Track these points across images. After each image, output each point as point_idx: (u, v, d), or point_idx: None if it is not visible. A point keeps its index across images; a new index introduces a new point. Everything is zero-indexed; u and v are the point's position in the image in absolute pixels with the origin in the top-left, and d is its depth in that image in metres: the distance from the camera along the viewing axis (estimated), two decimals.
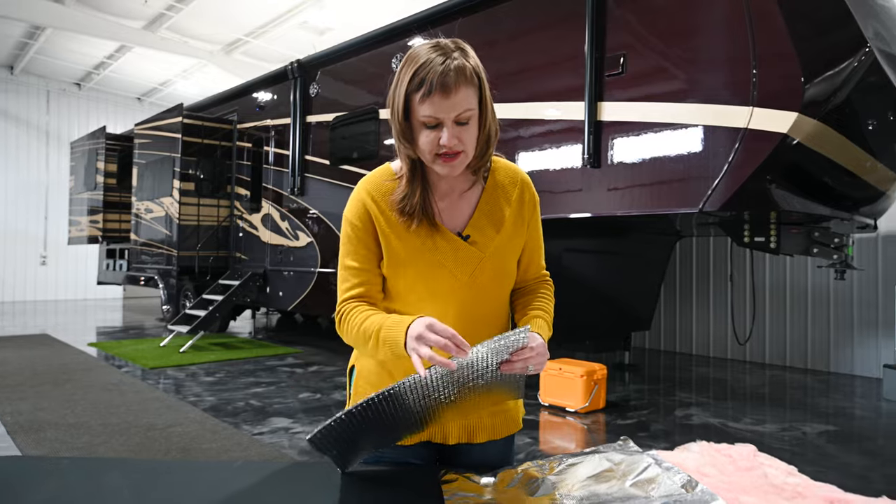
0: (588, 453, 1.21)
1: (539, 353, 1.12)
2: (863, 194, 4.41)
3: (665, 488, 0.98)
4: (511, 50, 5.10)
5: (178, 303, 9.10)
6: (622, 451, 1.20)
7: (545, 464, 1.22)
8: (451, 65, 1.12)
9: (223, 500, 1.12)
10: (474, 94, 1.16)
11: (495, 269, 1.27)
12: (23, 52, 13.17)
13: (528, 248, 1.34)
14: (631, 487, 1.03)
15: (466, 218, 1.28)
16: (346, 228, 1.28)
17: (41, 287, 14.65)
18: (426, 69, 1.12)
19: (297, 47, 11.40)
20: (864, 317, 6.28)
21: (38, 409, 4.54)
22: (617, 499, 0.99)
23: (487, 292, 1.28)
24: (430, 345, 1.04)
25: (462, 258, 1.25)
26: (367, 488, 1.20)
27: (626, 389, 5.61)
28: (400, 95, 1.16)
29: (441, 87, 1.11)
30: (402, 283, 1.26)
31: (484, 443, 1.33)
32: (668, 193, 4.17)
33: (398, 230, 1.24)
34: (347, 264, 1.27)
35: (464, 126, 1.15)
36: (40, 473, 1.24)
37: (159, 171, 9.30)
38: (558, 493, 1.08)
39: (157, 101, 15.84)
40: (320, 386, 5.61)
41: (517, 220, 1.30)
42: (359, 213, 1.26)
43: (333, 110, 7.16)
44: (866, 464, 3.66)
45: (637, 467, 1.08)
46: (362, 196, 1.27)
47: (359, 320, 1.20)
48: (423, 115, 1.14)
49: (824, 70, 3.67)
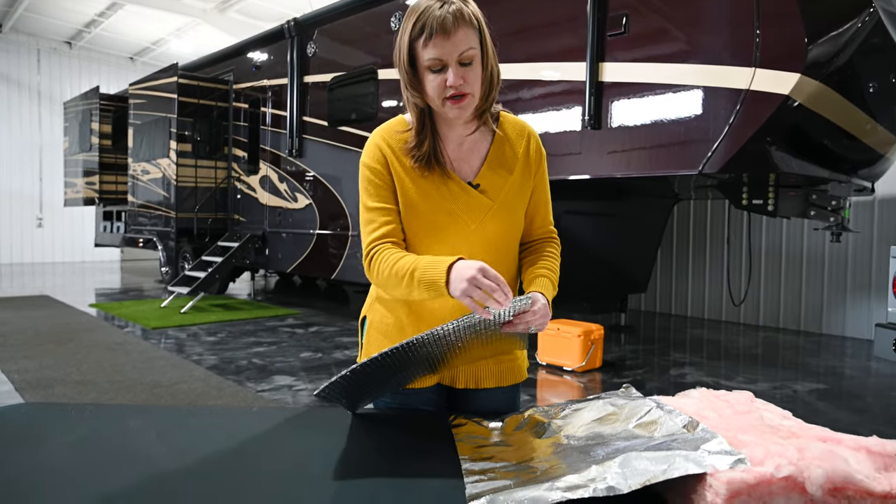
0: (591, 399, 1.26)
1: (541, 315, 1.19)
2: (862, 157, 4.43)
3: (667, 428, 1.03)
4: (512, 7, 5.03)
5: (177, 265, 9.13)
6: (625, 396, 1.25)
7: (550, 409, 1.27)
8: (448, 9, 1.17)
9: (243, 442, 1.17)
10: (475, 34, 1.20)
11: (504, 217, 1.31)
12: (12, 10, 12.89)
13: (535, 200, 1.38)
14: (634, 428, 1.09)
15: (476, 168, 1.32)
16: (364, 172, 1.31)
17: (38, 249, 14.64)
18: (426, 15, 1.17)
19: (294, 5, 11.17)
20: (858, 279, 6.36)
21: (43, 367, 4.61)
22: (621, 438, 1.05)
23: (496, 240, 1.32)
24: (483, 288, 1.08)
25: (472, 206, 1.29)
26: (381, 432, 1.26)
27: (621, 350, 5.71)
28: (404, 44, 1.21)
29: (441, 29, 1.16)
30: (415, 227, 1.29)
31: (491, 389, 1.38)
32: (667, 155, 4.18)
33: (412, 174, 1.29)
34: (370, 206, 1.30)
35: (468, 66, 1.20)
36: (67, 419, 1.29)
37: (155, 132, 9.22)
38: (563, 435, 1.14)
39: (149, 60, 15.59)
40: (321, 345, 5.69)
41: (525, 171, 1.34)
42: (375, 155, 1.30)
43: (331, 70, 7.08)
44: (855, 420, 3.77)
45: (640, 411, 1.13)
46: (377, 141, 1.31)
47: (391, 261, 1.23)
48: (427, 59, 1.19)
49: (828, 31, 3.65)
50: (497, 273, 1.10)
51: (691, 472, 0.85)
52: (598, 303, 6.63)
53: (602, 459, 0.94)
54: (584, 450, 1.03)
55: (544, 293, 1.26)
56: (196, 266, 8.19)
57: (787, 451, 0.88)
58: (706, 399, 1.18)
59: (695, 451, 0.90)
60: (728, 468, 0.85)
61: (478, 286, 1.08)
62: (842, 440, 0.97)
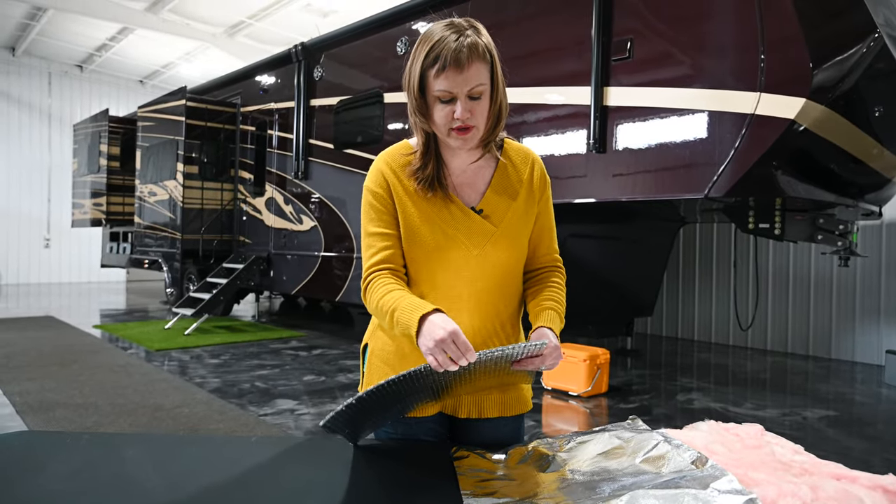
0: (597, 431, 1.23)
1: (553, 357, 1.18)
2: (869, 181, 4.41)
3: (675, 464, 1.00)
4: (518, 33, 5.07)
5: (181, 286, 9.13)
6: (631, 429, 1.22)
7: (555, 441, 1.24)
8: (464, 41, 1.17)
9: (241, 473, 1.15)
10: (486, 69, 1.21)
11: (507, 243, 1.30)
12: (24, 34, 13.10)
13: (539, 227, 1.37)
14: (641, 464, 1.06)
15: (480, 194, 1.32)
16: (366, 197, 1.32)
17: (45, 269, 14.69)
18: (441, 45, 1.17)
19: (301, 30, 11.31)
20: (867, 304, 6.30)
21: (45, 389, 4.59)
22: (627, 474, 1.02)
23: (499, 266, 1.31)
24: (449, 353, 1.07)
25: (475, 230, 1.29)
26: (381, 463, 1.23)
27: (628, 374, 5.65)
28: (415, 71, 1.21)
29: (455, 63, 1.16)
30: (416, 252, 1.29)
31: (495, 419, 1.35)
32: (673, 179, 4.17)
33: (414, 198, 1.29)
34: (370, 231, 1.31)
35: (476, 101, 1.20)
36: (64, 447, 1.27)
37: (163, 154, 9.29)
38: (568, 470, 1.11)
39: (159, 83, 15.78)
40: (324, 369, 5.65)
41: (528, 198, 1.34)
42: (377, 180, 1.31)
43: (337, 94, 7.14)
44: (866, 447, 3.70)
45: (647, 445, 1.10)
46: (380, 165, 1.33)
47: (381, 292, 1.23)
48: (437, 90, 1.19)
49: (833, 56, 3.65)
50: (466, 341, 1.08)
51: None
52: (604, 326, 6.58)
53: (608, 497, 0.91)
54: (590, 485, 1.00)
55: (552, 328, 1.25)
56: (201, 287, 8.19)
57: (800, 491, 0.85)
58: (715, 432, 1.15)
59: (704, 489, 0.87)
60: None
61: (444, 350, 1.07)
62: (857, 478, 0.94)
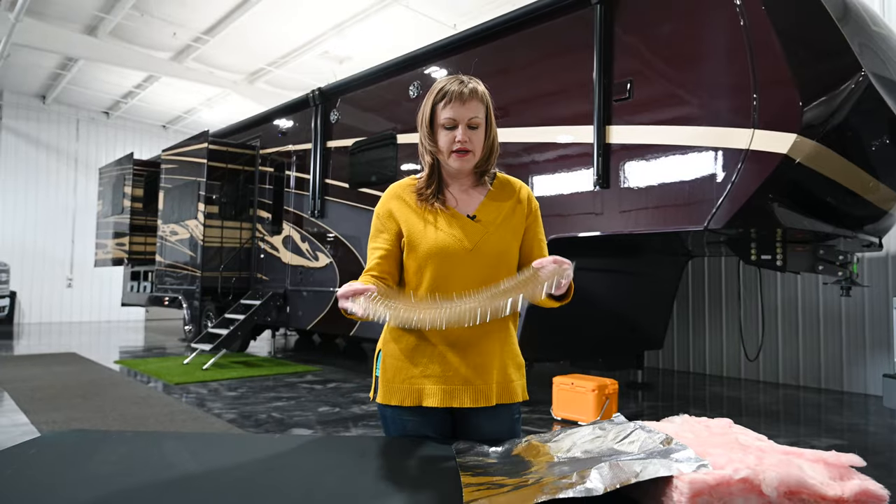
0: (584, 426, 1.38)
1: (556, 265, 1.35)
2: (865, 213, 4.54)
3: (645, 444, 1.15)
4: (524, 77, 5.34)
5: (200, 322, 9.34)
6: (613, 422, 1.37)
7: (546, 435, 1.39)
8: (467, 84, 1.54)
9: (267, 463, 1.30)
10: (482, 108, 1.55)
11: (497, 241, 1.56)
12: (55, 83, 13.74)
13: (529, 237, 1.62)
14: (616, 445, 1.20)
15: (475, 208, 1.60)
16: (374, 218, 1.64)
17: (66, 309, 15.03)
18: (448, 86, 1.53)
19: (318, 76, 11.79)
20: (876, 335, 6.33)
21: (71, 419, 4.76)
22: (605, 454, 1.16)
23: (489, 261, 1.55)
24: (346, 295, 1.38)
25: (469, 231, 1.56)
26: (390, 456, 1.38)
27: (638, 406, 5.70)
28: (427, 106, 1.56)
29: (458, 97, 1.51)
30: (421, 250, 1.55)
31: (493, 408, 1.55)
32: (674, 212, 4.33)
33: (418, 211, 1.59)
34: (370, 245, 1.62)
35: (474, 130, 1.54)
36: (108, 443, 1.43)
37: (185, 194, 9.63)
38: (556, 455, 1.25)
39: (181, 128, 16.37)
40: (339, 401, 5.77)
41: (517, 209, 1.62)
42: (384, 206, 1.63)
43: (353, 136, 7.44)
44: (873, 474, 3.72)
45: (624, 432, 1.25)
46: (388, 193, 1.66)
47: None
48: (443, 118, 1.53)
49: (821, 94, 3.84)
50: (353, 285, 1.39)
51: (661, 475, 0.97)
52: (613, 359, 6.65)
53: (588, 467, 1.05)
54: (572, 463, 1.14)
55: None
56: (219, 323, 8.39)
57: (746, 458, 0.99)
58: (687, 424, 1.29)
59: (665, 458, 1.01)
60: (692, 471, 0.96)
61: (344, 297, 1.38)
62: (803, 454, 1.08)
